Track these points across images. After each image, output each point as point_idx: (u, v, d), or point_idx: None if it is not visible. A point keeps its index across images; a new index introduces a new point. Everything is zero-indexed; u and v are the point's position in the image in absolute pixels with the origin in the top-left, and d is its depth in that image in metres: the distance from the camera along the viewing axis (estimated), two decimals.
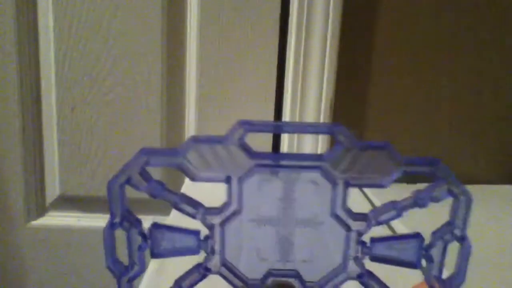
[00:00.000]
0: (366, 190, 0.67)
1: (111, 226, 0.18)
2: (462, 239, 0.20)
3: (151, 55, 0.75)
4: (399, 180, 0.63)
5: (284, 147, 0.75)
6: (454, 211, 0.19)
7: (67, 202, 0.82)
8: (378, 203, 0.64)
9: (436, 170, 0.19)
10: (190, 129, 0.76)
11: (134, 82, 0.75)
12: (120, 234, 0.19)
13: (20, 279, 0.86)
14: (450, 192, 0.19)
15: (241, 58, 0.74)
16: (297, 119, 0.73)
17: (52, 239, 0.83)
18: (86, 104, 0.76)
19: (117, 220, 0.18)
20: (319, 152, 0.72)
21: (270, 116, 0.74)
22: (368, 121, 0.80)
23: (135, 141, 0.78)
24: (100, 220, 0.80)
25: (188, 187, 0.67)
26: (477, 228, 0.59)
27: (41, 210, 0.83)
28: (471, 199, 0.19)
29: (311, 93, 0.71)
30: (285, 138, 0.73)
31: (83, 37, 0.75)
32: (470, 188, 0.65)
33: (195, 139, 0.16)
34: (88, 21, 0.75)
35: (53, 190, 0.81)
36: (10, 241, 0.84)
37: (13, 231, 0.83)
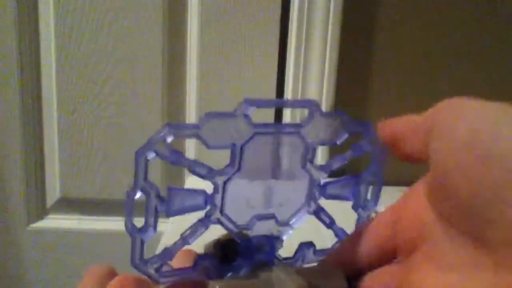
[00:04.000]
0: None
1: (134, 191, 0.22)
2: (378, 176, 0.27)
3: (153, 58, 0.74)
4: (399, 183, 0.66)
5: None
6: (373, 158, 0.27)
7: (68, 204, 0.81)
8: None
9: (366, 130, 0.26)
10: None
11: (135, 84, 0.73)
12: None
13: (20, 282, 0.85)
14: (372, 145, 0.26)
15: (241, 63, 0.73)
16: (297, 119, 0.72)
17: (53, 242, 0.81)
18: (87, 107, 0.73)
19: (139, 186, 0.22)
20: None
21: (270, 119, 0.73)
22: (368, 119, 0.78)
23: (136, 144, 0.72)
24: (101, 223, 0.80)
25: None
26: None
27: (42, 213, 0.82)
28: (384, 149, 0.26)
29: (311, 94, 0.72)
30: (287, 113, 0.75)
31: (84, 39, 0.73)
32: None
33: (210, 115, 0.21)
34: (89, 23, 0.73)
35: (53, 192, 0.79)
36: (11, 244, 0.82)
37: (13, 234, 0.81)
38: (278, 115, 0.75)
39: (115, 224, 0.79)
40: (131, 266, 0.22)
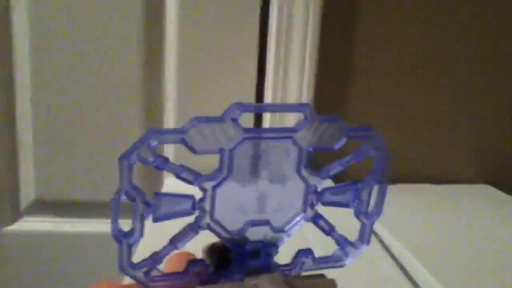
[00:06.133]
0: None
1: (119, 196, 0.21)
2: (381, 182, 0.26)
3: (130, 54, 0.71)
4: (398, 181, 0.80)
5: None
6: (376, 164, 0.26)
7: (43, 206, 0.77)
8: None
9: (369, 135, 0.25)
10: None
11: (112, 81, 0.71)
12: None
13: None
14: (375, 149, 0.25)
15: (220, 65, 0.72)
16: (277, 121, 0.73)
17: (27, 245, 0.78)
18: (63, 104, 0.71)
19: (124, 191, 0.21)
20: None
21: (250, 120, 0.72)
22: (348, 122, 0.77)
23: (113, 143, 0.73)
24: (77, 225, 0.77)
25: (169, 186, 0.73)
26: (456, 224, 0.62)
27: (16, 215, 0.78)
28: (387, 154, 0.25)
29: (291, 97, 0.71)
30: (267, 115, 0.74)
31: (59, 34, 0.70)
32: (450, 187, 0.84)
33: (197, 119, 0.20)
34: (65, 18, 0.70)
35: (28, 194, 0.76)
36: None
37: None
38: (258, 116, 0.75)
39: (92, 226, 0.77)
40: (109, 270, 0.22)
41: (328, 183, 0.26)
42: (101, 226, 0.76)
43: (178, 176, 0.21)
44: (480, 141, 0.84)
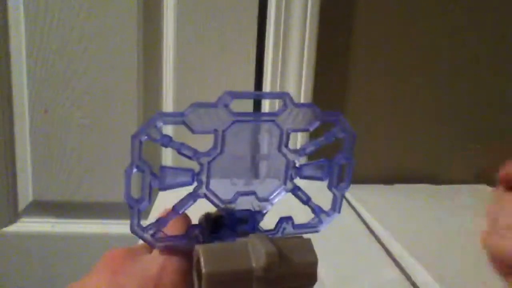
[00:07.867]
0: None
1: (131, 169, 0.26)
2: (349, 160, 0.31)
3: (127, 55, 0.71)
4: (394, 181, 0.83)
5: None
6: (345, 144, 0.30)
7: (41, 207, 0.77)
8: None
9: (338, 119, 0.29)
10: (167, 131, 0.72)
11: (109, 83, 0.71)
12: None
13: None
14: (344, 131, 0.30)
15: (218, 55, 0.72)
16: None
17: (25, 247, 0.78)
18: (60, 106, 0.71)
19: (135, 164, 0.26)
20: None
21: (249, 108, 0.72)
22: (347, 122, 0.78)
23: (110, 144, 0.74)
24: (75, 226, 0.77)
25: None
26: (455, 224, 0.61)
27: (14, 217, 0.78)
28: (354, 136, 0.30)
29: (290, 90, 0.71)
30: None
31: (56, 37, 0.69)
32: (449, 187, 0.85)
33: (195, 105, 0.24)
34: (61, 20, 0.69)
35: (25, 195, 0.76)
36: None
37: None
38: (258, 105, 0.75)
39: (90, 227, 0.78)
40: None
41: (304, 160, 0.31)
42: (99, 227, 0.77)
43: (179, 152, 0.26)
44: (478, 142, 0.84)
